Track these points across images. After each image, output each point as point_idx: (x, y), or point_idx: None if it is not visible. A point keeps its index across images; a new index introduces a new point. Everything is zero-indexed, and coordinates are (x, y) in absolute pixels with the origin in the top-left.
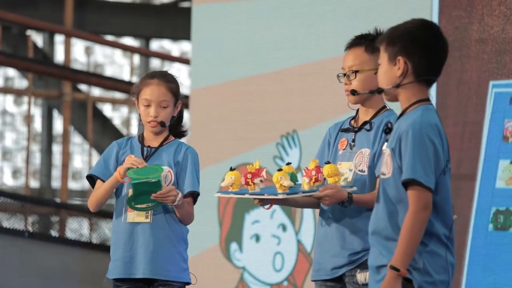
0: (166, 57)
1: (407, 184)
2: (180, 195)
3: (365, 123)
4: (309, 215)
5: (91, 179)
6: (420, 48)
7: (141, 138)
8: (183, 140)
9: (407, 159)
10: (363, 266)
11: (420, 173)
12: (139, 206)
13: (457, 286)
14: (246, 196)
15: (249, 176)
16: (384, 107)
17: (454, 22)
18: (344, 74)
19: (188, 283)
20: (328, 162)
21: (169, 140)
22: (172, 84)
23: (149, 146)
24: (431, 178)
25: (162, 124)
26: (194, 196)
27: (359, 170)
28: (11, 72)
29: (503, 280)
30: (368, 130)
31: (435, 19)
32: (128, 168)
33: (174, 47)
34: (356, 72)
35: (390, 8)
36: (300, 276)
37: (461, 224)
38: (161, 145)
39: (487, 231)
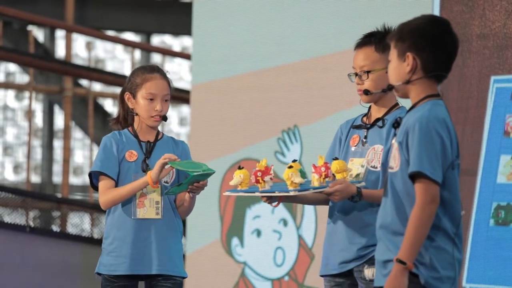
0: (167, 52)
1: (414, 177)
2: None
3: (377, 120)
4: (310, 210)
5: (89, 174)
6: (429, 44)
7: (133, 132)
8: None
9: (413, 152)
10: (371, 261)
11: (426, 166)
12: (171, 190)
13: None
14: (257, 194)
15: (259, 174)
16: (397, 104)
17: (455, 17)
18: (356, 74)
19: (185, 277)
20: (336, 158)
21: (161, 134)
22: (169, 79)
23: (148, 141)
24: (437, 171)
25: (164, 118)
26: None
27: (371, 167)
28: (12, 67)
29: (503, 274)
30: (381, 127)
31: (436, 14)
32: (161, 170)
33: (175, 42)
34: (368, 72)
35: (392, 3)
36: (301, 271)
37: (462, 219)
38: (156, 139)
39: (488, 226)
